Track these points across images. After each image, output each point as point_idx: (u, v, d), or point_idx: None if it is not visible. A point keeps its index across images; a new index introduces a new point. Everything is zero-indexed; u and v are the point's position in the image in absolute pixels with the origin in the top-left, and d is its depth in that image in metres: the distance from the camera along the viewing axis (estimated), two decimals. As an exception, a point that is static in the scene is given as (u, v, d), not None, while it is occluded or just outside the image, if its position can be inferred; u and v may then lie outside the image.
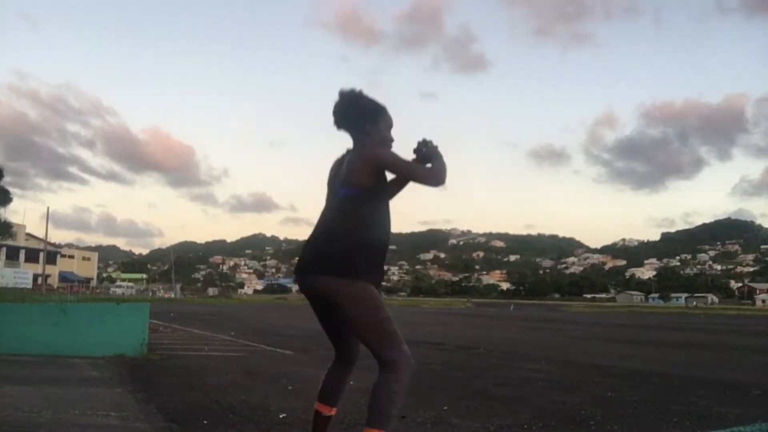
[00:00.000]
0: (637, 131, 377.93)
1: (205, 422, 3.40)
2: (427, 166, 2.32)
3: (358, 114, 2.31)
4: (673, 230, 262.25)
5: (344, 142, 2.40)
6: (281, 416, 3.60)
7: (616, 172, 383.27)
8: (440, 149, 2.38)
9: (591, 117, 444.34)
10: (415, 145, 2.39)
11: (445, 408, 4.03)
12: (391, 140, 2.38)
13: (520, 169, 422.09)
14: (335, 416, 3.50)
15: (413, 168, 2.27)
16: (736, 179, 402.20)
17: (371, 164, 2.19)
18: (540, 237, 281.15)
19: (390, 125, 2.39)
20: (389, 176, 2.32)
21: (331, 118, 2.39)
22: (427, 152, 2.36)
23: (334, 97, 2.36)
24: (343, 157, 2.34)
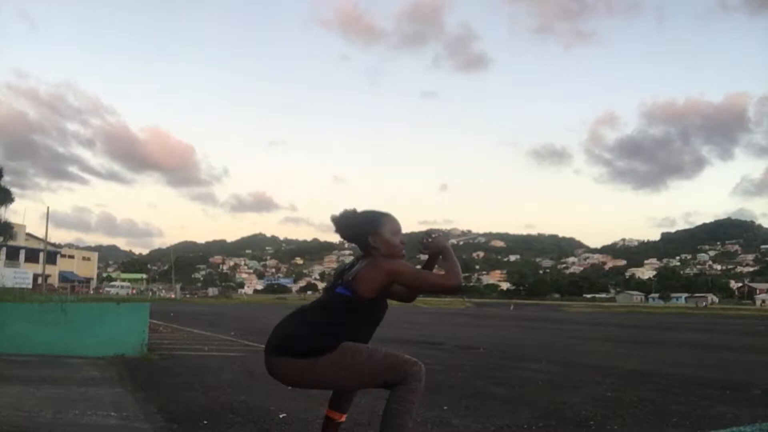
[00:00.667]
0: (639, 130, 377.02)
1: (205, 422, 3.41)
2: (440, 272, 2.34)
3: (357, 233, 2.33)
4: (673, 230, 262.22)
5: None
6: (281, 416, 3.60)
7: (617, 171, 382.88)
8: (447, 240, 2.41)
9: (592, 116, 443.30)
10: (422, 236, 2.42)
11: (445, 408, 4.03)
12: (402, 243, 2.37)
13: (520, 168, 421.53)
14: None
15: (427, 279, 2.28)
16: (737, 179, 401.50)
17: (385, 278, 2.20)
18: (540, 237, 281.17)
19: (396, 230, 2.36)
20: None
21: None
22: (434, 244, 2.39)
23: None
24: (352, 263, 2.35)
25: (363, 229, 2.32)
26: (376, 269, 2.20)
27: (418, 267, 2.38)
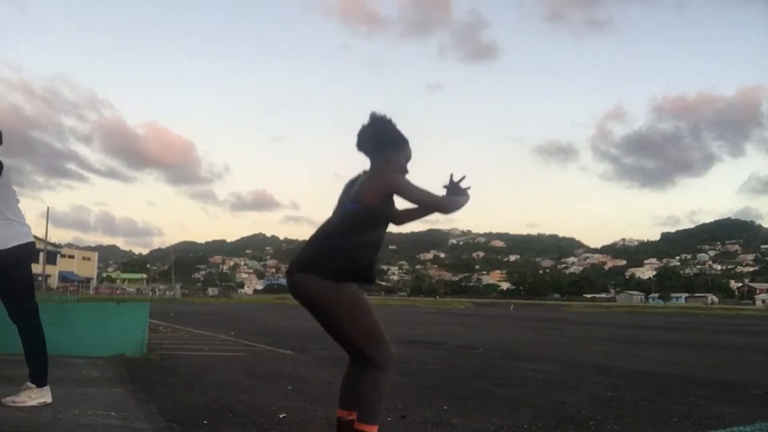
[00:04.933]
0: (648, 126, 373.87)
1: (205, 422, 3.40)
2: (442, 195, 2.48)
3: (384, 140, 2.44)
4: (674, 230, 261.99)
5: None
6: (281, 416, 3.60)
7: (624, 168, 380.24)
8: (468, 191, 2.54)
9: (601, 111, 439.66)
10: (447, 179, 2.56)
11: (445, 408, 4.03)
12: (407, 172, 2.50)
13: (525, 165, 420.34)
14: (330, 415, 3.51)
15: (424, 195, 2.38)
16: (745, 176, 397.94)
17: (384, 187, 2.33)
18: (540, 237, 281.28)
19: (409, 157, 2.51)
20: (402, 204, 2.44)
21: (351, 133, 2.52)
22: (453, 187, 2.53)
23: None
24: (358, 176, 2.47)
25: (393, 138, 2.46)
26: (380, 178, 2.35)
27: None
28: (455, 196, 2.52)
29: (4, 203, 3.42)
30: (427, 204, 2.42)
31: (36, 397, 3.58)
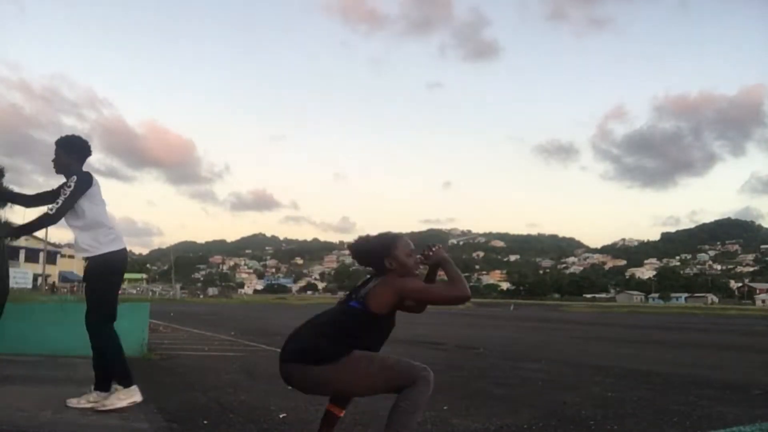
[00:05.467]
0: (649, 125, 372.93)
1: (205, 422, 3.41)
2: (439, 285, 2.48)
3: (373, 257, 2.48)
4: (674, 230, 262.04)
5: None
6: (281, 416, 3.60)
7: (625, 168, 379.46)
8: (447, 255, 2.53)
9: (601, 110, 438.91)
10: (421, 251, 2.54)
11: (445, 408, 4.03)
12: (416, 263, 2.50)
13: (525, 165, 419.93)
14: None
15: (433, 293, 2.41)
16: (747, 176, 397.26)
17: (397, 294, 2.34)
18: (540, 237, 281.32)
19: (409, 251, 2.48)
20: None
21: None
22: (434, 256, 2.51)
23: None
24: (367, 278, 2.49)
25: (379, 254, 2.46)
26: (388, 287, 2.35)
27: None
28: (448, 274, 2.46)
29: (95, 211, 3.60)
30: (442, 299, 2.41)
31: (125, 397, 3.62)
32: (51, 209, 3.49)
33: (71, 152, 3.72)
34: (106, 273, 3.64)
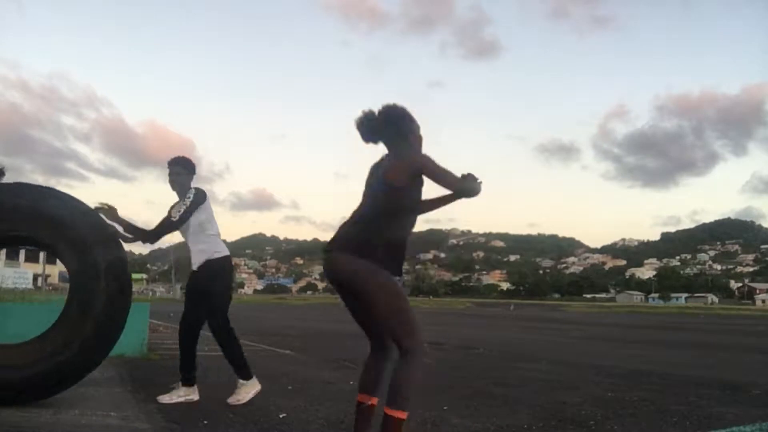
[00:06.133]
0: (650, 125, 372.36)
1: (205, 422, 3.41)
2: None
3: (395, 117, 2.54)
4: (674, 230, 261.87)
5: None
6: (281, 416, 3.60)
7: (626, 167, 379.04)
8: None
9: (603, 109, 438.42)
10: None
11: (445, 408, 4.03)
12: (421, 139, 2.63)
13: (526, 164, 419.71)
14: (330, 414, 3.51)
15: (450, 177, 2.42)
16: (748, 176, 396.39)
17: (412, 167, 2.41)
18: (540, 237, 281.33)
19: (421, 139, 2.62)
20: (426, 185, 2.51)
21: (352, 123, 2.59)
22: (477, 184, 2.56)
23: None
24: (381, 160, 2.57)
25: (413, 124, 2.57)
26: (406, 159, 2.44)
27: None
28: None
29: (209, 222, 4.07)
30: (453, 184, 2.40)
31: (250, 390, 4.06)
32: (174, 216, 3.95)
33: (187, 171, 4.20)
34: (221, 277, 4.08)
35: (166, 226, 3.97)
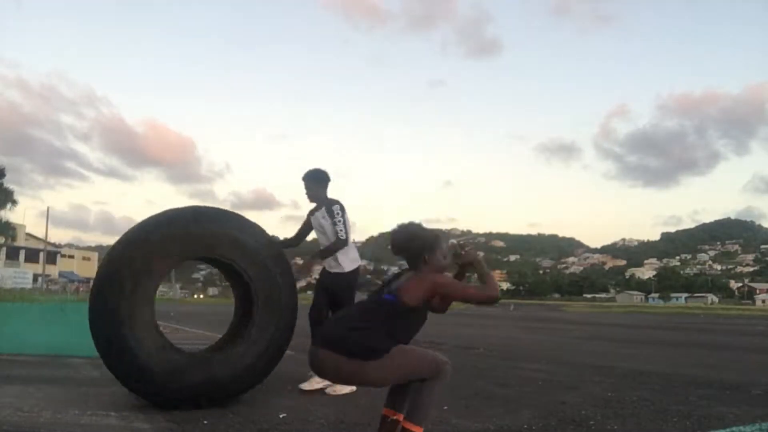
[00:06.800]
0: (652, 124, 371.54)
1: (205, 422, 3.41)
2: (472, 284, 2.62)
3: (413, 251, 2.54)
4: (674, 230, 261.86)
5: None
6: (281, 416, 3.60)
7: (627, 167, 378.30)
8: (479, 256, 2.68)
9: (605, 108, 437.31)
10: (452, 249, 2.64)
11: (445, 408, 4.03)
12: (447, 266, 2.60)
13: (527, 163, 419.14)
14: (329, 414, 3.51)
15: (467, 291, 2.50)
16: (749, 175, 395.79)
17: (431, 289, 2.42)
18: (540, 237, 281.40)
19: (446, 253, 2.58)
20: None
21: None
22: (467, 257, 2.64)
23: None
24: (399, 272, 2.59)
25: (420, 248, 2.53)
26: (424, 281, 2.43)
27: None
28: (482, 275, 2.59)
29: (347, 234, 4.46)
30: (473, 299, 2.48)
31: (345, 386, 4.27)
32: (341, 234, 4.40)
33: (320, 183, 4.54)
34: (350, 287, 4.50)
35: (339, 244, 4.41)
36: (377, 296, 2.50)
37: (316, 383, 4.40)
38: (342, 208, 4.47)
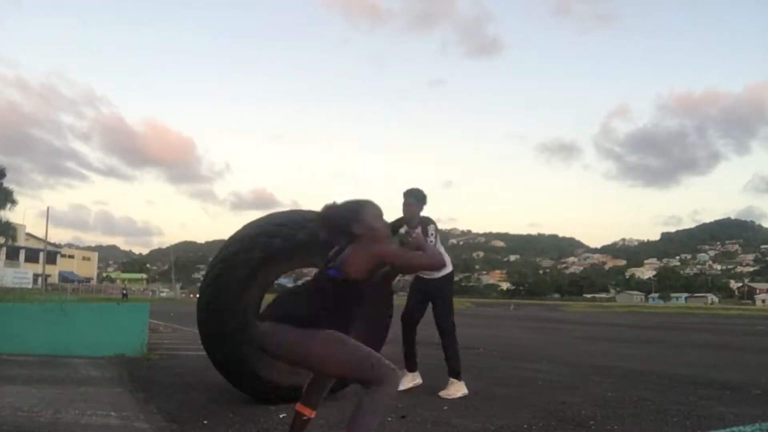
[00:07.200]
0: (653, 123, 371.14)
1: (205, 422, 3.41)
2: (419, 252, 2.55)
3: (341, 223, 2.45)
4: (674, 230, 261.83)
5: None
6: (281, 416, 3.60)
7: (628, 167, 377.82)
8: (425, 242, 2.76)
9: (605, 108, 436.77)
10: (399, 238, 2.73)
11: (445, 408, 4.03)
12: (385, 226, 2.52)
13: (527, 163, 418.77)
14: (329, 414, 3.50)
15: (412, 259, 2.49)
16: (750, 175, 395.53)
17: (373, 260, 2.36)
18: (540, 237, 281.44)
19: (377, 214, 2.50)
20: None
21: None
22: (414, 242, 2.62)
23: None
24: (342, 246, 2.47)
25: (347, 219, 2.44)
26: (365, 253, 2.35)
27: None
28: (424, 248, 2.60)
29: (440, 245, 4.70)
30: (418, 265, 2.52)
31: (459, 388, 4.56)
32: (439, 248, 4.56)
33: (420, 202, 4.70)
34: (450, 287, 4.98)
35: (438, 265, 4.55)
36: (321, 272, 2.44)
37: (407, 382, 4.71)
38: (436, 229, 4.69)
